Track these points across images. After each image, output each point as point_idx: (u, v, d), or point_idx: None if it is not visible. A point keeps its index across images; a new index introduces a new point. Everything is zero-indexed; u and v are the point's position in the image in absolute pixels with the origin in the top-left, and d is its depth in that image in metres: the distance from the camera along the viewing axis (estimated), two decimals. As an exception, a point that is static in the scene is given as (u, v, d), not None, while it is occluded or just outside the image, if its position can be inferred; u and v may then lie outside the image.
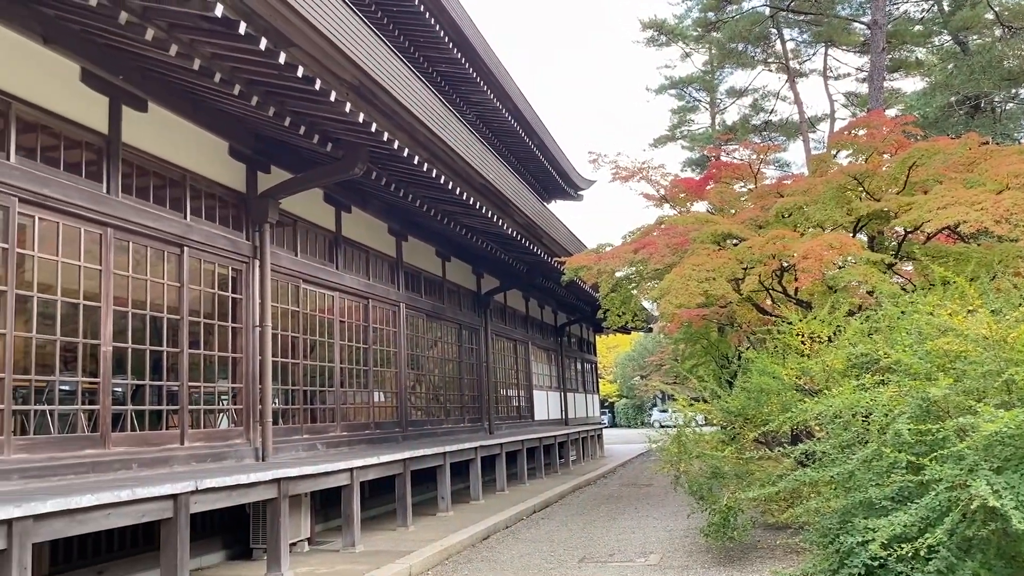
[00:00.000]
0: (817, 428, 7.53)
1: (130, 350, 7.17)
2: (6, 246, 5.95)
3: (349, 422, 10.93)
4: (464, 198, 10.31)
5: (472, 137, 9.98)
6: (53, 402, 6.42)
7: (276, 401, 9.14)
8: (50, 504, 4.77)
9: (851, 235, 10.62)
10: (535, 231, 13.01)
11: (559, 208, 33.91)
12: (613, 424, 54.38)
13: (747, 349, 13.11)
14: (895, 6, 27.71)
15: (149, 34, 5.97)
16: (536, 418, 20.38)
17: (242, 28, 5.74)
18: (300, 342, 9.91)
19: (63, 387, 6.57)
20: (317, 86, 6.74)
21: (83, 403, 6.68)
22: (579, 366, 27.07)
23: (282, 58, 6.24)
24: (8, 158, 6.03)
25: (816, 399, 6.17)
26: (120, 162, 7.14)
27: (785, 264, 10.32)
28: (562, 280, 13.28)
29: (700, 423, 9.85)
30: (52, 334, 6.37)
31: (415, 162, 8.74)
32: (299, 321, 9.90)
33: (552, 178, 26.13)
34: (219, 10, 5.47)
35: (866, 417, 5.79)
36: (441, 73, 17.20)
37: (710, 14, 32.05)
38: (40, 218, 6.32)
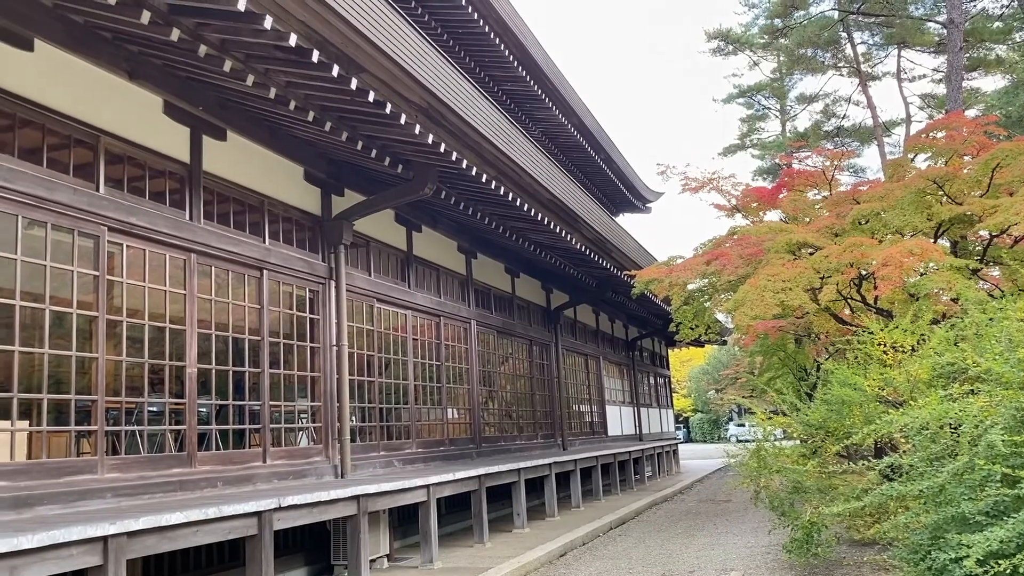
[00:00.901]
0: (902, 440, 7.28)
1: (214, 371, 7.40)
2: (97, 273, 6.23)
3: (424, 439, 11.03)
4: (532, 214, 10.35)
5: (538, 153, 10.03)
6: (142, 423, 6.67)
7: (353, 419, 9.30)
8: (142, 521, 4.95)
9: (932, 241, 10.27)
10: (604, 245, 12.97)
11: (627, 221, 33.71)
12: (688, 439, 53.54)
13: (826, 360, 12.77)
14: (972, 3, 26.80)
15: (227, 66, 6.20)
16: (609, 434, 20.21)
17: (315, 56, 5.91)
18: (375, 360, 10.08)
19: (151, 408, 6.83)
20: (388, 109, 6.89)
21: (170, 423, 6.92)
22: (652, 380, 26.77)
23: (354, 84, 6.40)
24: (98, 189, 6.32)
25: (901, 411, 5.97)
26: (202, 190, 7.41)
27: (863, 272, 10.04)
28: (632, 294, 13.19)
29: (779, 437, 9.63)
30: (140, 357, 6.63)
31: (483, 180, 8.83)
32: (374, 340, 10.07)
33: (619, 191, 26.02)
34: (293, 40, 5.65)
35: (955, 429, 5.57)
36: (506, 91, 17.35)
37: (777, 21, 31.56)
38: (128, 246, 6.60)
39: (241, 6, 5.16)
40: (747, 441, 10.83)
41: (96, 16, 5.90)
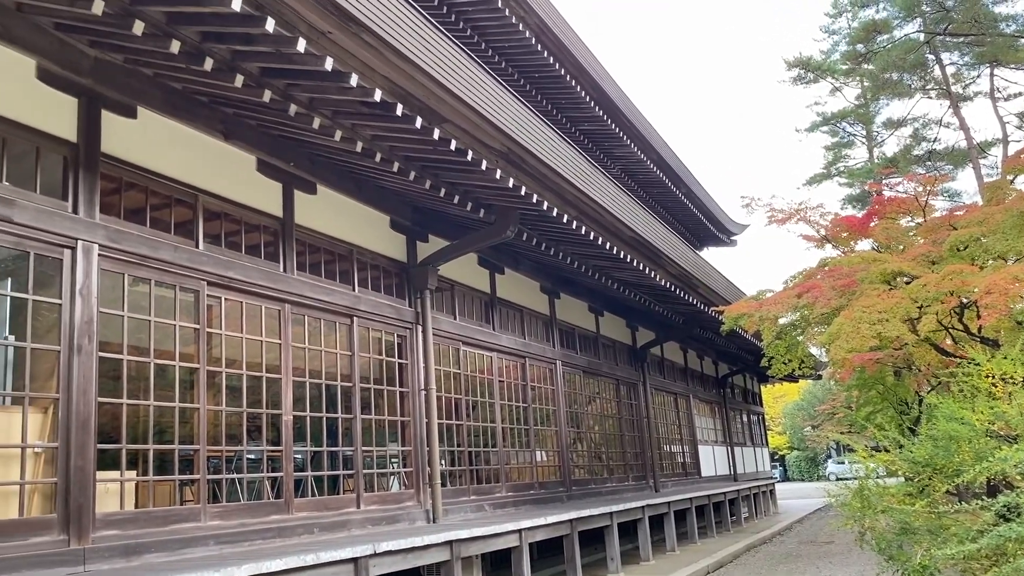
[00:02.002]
0: (1018, 478, 6.86)
1: (308, 418, 7.57)
2: (197, 326, 6.49)
3: (513, 482, 10.99)
4: (614, 252, 10.32)
5: (618, 191, 10.03)
6: (242, 470, 6.87)
7: (443, 463, 9.35)
8: (244, 569, 5.06)
9: (1039, 265, 9.74)
10: (689, 281, 12.80)
11: (712, 255, 33.21)
12: (785, 478, 51.68)
13: (928, 393, 12.20)
14: (1068, 16, 25.66)
15: (316, 123, 6.45)
16: (703, 474, 19.71)
17: (399, 110, 6.10)
18: (463, 403, 10.14)
19: (250, 456, 7.02)
20: (469, 156, 7.03)
21: (268, 470, 7.10)
22: (744, 418, 26.06)
23: (436, 134, 6.57)
24: (197, 246, 6.61)
25: (1016, 446, 5.64)
26: (294, 242, 7.67)
27: (965, 301, 9.60)
28: (721, 330, 12.92)
29: (881, 474, 9.21)
30: (239, 406, 6.85)
31: (564, 220, 8.87)
32: (460, 383, 10.15)
33: (702, 225, 25.69)
34: (378, 95, 5.84)
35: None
36: (583, 131, 17.45)
37: (859, 46, 30.89)
38: (225, 298, 6.86)
39: (328, 65, 5.37)
40: (848, 479, 10.39)
41: (193, 82, 6.23)
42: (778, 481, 35.04)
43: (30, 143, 5.46)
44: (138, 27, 4.99)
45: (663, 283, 12.15)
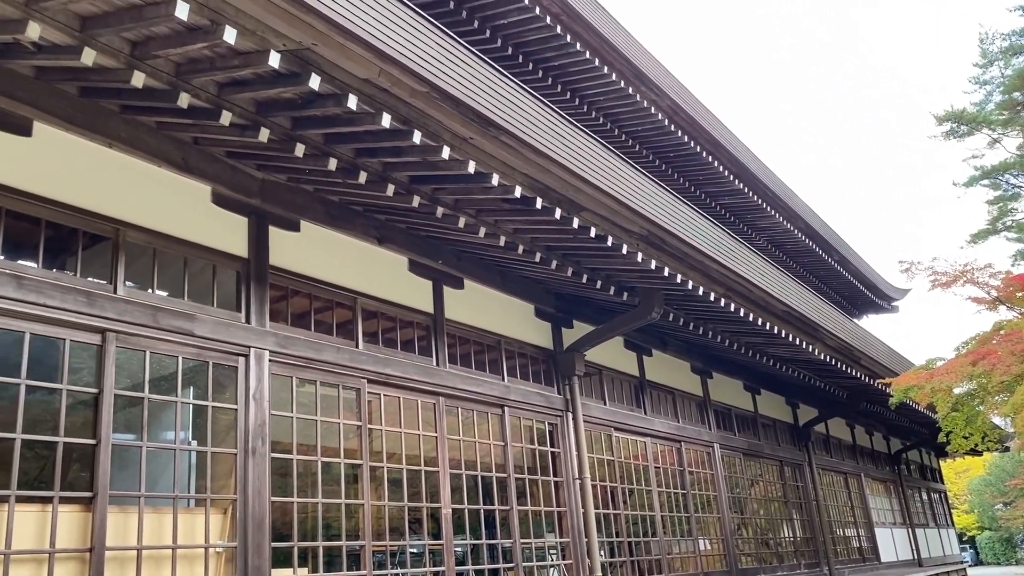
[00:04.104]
0: None
1: (466, 510, 7.64)
2: (359, 423, 6.76)
3: (676, 573, 10.56)
4: (767, 328, 10.00)
5: (766, 264, 9.79)
6: (404, 564, 6.99)
7: (602, 554, 9.13)
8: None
9: None
10: (850, 353, 12.16)
11: (872, 323, 31.44)
12: (978, 562, 46.88)
13: None
14: None
15: (461, 222, 6.73)
16: (882, 559, 18.22)
17: (539, 203, 6.29)
18: (618, 491, 9.94)
19: (412, 550, 7.13)
20: (609, 242, 7.10)
21: (430, 565, 7.17)
22: (924, 496, 24.05)
23: (575, 222, 6.70)
24: (357, 345, 6.95)
25: None
26: (445, 336, 7.93)
27: None
28: (890, 403, 12.14)
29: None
30: (400, 500, 7.02)
31: (711, 299, 8.72)
32: (615, 470, 9.97)
33: (859, 292, 24.49)
34: (518, 191, 6.06)
35: None
36: (723, 205, 17.23)
37: (1016, 94, 29.17)
38: (384, 395, 7.13)
39: (471, 168, 5.65)
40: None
41: (349, 194, 6.68)
42: (970, 565, 31.83)
43: (208, 261, 5.98)
44: (299, 149, 5.44)
45: (822, 357, 11.61)
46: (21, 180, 4.92)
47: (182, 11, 3.95)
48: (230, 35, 4.17)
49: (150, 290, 5.55)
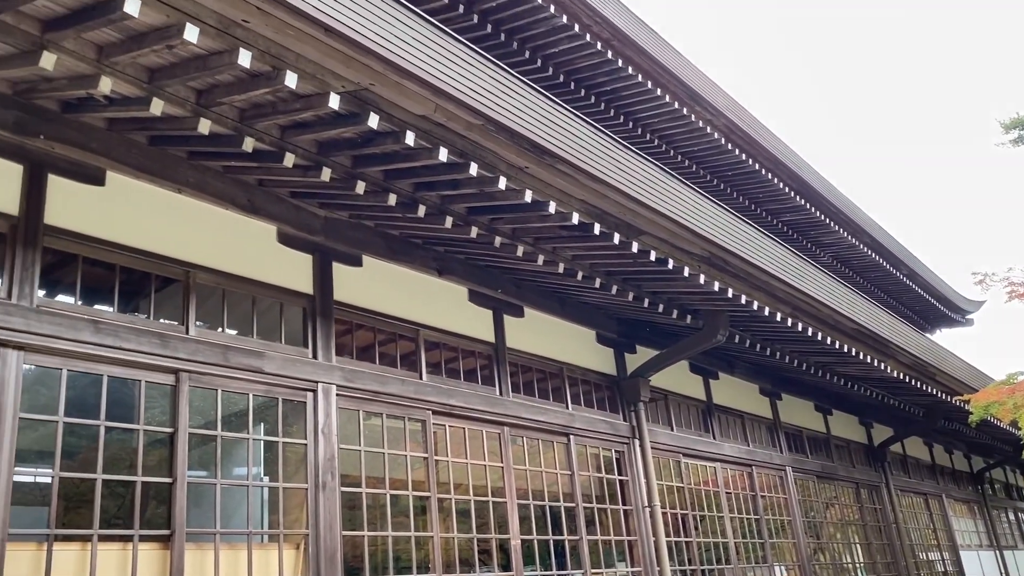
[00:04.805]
0: None
1: (535, 541, 7.59)
2: (426, 455, 6.79)
3: (752, 600, 10.28)
4: (836, 347, 9.76)
5: (832, 282, 9.57)
6: (475, 596, 6.94)
7: (675, 582, 8.95)
8: None
9: None
10: (924, 370, 11.77)
11: (945, 337, 30.40)
12: (1073, 585, 44.51)
13: None
14: None
15: (519, 251, 6.75)
16: (970, 584, 17.44)
17: (596, 229, 6.28)
18: (689, 519, 9.75)
19: (482, 581, 7.09)
20: (670, 265, 7.04)
21: (500, 596, 7.13)
22: (1011, 516, 22.98)
23: (635, 247, 6.66)
24: (421, 377, 7.00)
25: None
26: (507, 365, 7.93)
27: None
28: (970, 421, 11.66)
29: None
30: (468, 531, 7.00)
31: (777, 319, 8.56)
32: (684, 496, 9.79)
33: (931, 306, 23.73)
34: (575, 218, 6.07)
35: None
36: (785, 222, 16.94)
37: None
38: (449, 426, 7.16)
39: (528, 197, 5.67)
40: None
41: (409, 227, 6.78)
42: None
43: (274, 299, 6.11)
44: (360, 187, 5.54)
45: (895, 374, 11.26)
46: (96, 228, 5.12)
47: (245, 59, 4.08)
48: (291, 80, 4.28)
49: (220, 329, 5.69)
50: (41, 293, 4.76)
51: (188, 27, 3.89)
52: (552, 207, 5.92)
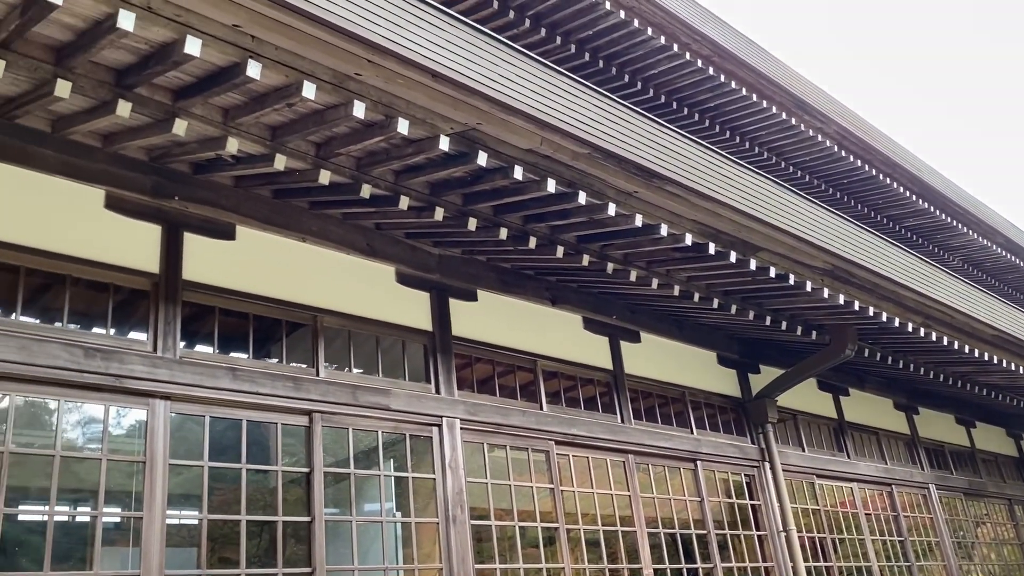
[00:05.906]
0: None
1: (668, 570, 7.42)
2: (551, 486, 6.77)
3: (903, 629, 9.71)
4: (975, 355, 9.20)
5: (965, 287, 9.05)
6: (610, 628, 6.83)
7: (817, 611, 8.56)
8: None
9: None
10: (1078, 375, 10.92)
11: (1098, 338, 28.10)
12: None
13: None
14: None
15: (632, 275, 6.70)
16: None
17: (711, 249, 6.17)
18: (827, 542, 9.32)
19: (615, 612, 6.98)
20: (791, 280, 6.83)
21: (635, 627, 6.99)
22: None
23: (753, 264, 6.50)
24: (541, 407, 7.01)
25: None
26: (627, 391, 7.85)
27: None
28: None
29: None
30: (598, 562, 6.93)
31: (908, 329, 8.15)
32: (820, 519, 9.38)
33: (1078, 306, 22.08)
34: (688, 239, 5.98)
35: None
36: (908, 227, 16.18)
37: None
38: (572, 455, 7.12)
39: (639, 222, 5.64)
40: None
41: (520, 260, 6.85)
42: None
43: (396, 337, 6.28)
44: (471, 223, 5.65)
45: (1044, 381, 10.51)
46: (229, 280, 5.40)
47: (359, 110, 4.26)
48: (403, 126, 4.44)
49: (348, 369, 5.88)
50: (182, 344, 5.05)
51: (306, 84, 4.10)
52: (664, 230, 5.85)
